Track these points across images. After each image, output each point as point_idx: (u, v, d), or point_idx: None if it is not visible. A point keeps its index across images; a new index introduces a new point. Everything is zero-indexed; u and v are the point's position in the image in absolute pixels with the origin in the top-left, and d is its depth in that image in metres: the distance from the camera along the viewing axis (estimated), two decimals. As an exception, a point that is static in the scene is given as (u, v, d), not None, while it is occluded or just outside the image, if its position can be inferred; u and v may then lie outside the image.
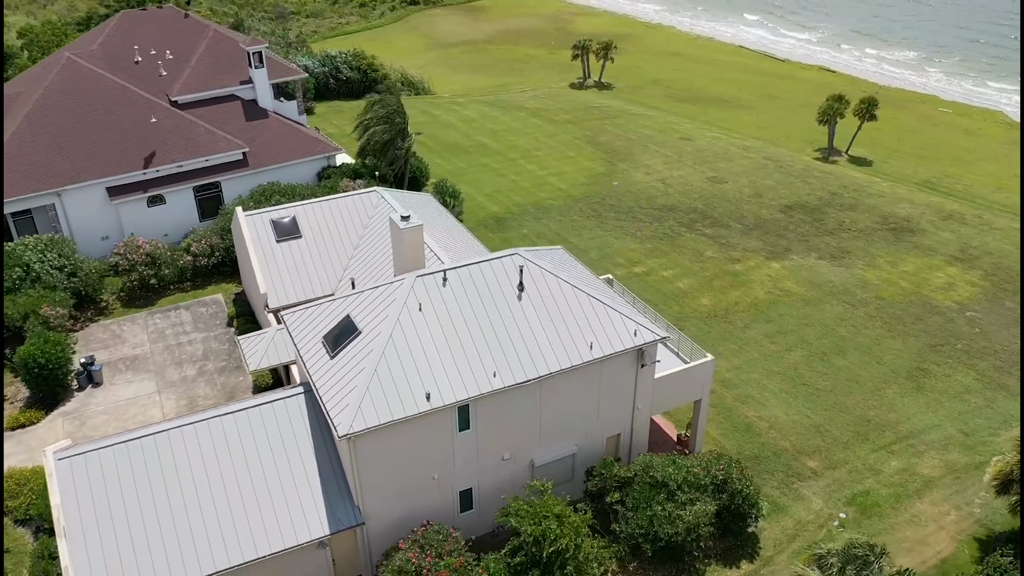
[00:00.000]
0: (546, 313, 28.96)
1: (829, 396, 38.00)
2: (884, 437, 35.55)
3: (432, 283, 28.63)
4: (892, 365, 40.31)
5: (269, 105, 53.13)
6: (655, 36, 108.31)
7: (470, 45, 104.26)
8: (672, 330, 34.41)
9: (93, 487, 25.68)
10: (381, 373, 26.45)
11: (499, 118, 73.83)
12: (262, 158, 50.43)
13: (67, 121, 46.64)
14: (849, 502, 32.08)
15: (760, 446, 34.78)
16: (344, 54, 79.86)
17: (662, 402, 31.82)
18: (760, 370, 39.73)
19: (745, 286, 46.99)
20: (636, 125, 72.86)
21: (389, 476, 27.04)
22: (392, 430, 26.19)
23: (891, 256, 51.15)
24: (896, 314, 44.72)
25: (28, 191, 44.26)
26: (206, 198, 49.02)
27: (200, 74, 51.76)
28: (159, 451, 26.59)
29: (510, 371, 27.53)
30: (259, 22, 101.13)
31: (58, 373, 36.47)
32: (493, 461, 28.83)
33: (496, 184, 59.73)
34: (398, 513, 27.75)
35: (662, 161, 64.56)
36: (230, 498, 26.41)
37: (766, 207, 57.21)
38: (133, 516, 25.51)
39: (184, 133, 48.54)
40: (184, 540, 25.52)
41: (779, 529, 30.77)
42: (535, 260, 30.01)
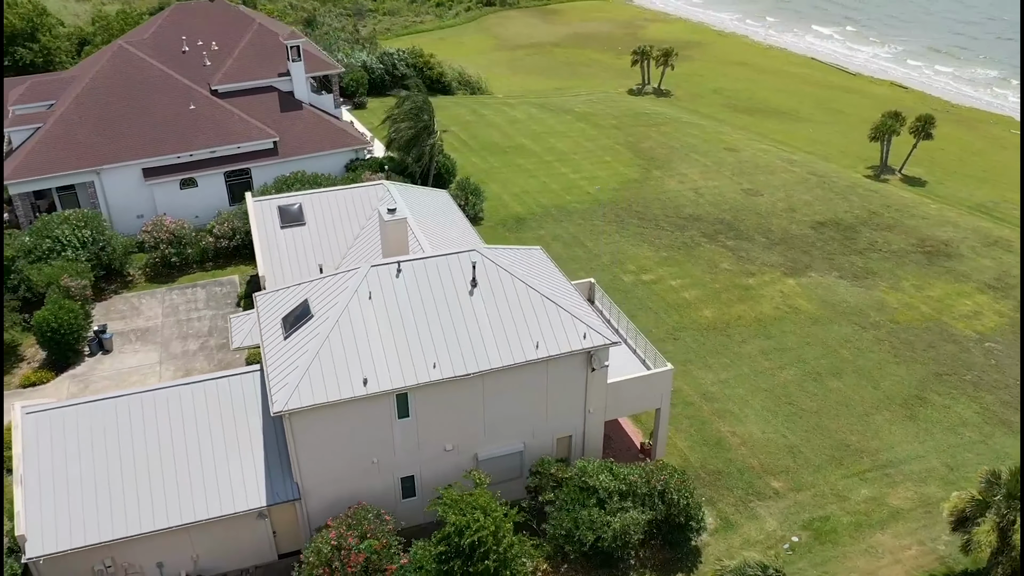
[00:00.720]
0: (496, 310, 29.41)
1: (812, 417, 36.98)
2: (860, 463, 34.39)
3: (386, 273, 29.50)
4: (888, 391, 38.86)
5: (305, 97, 55.19)
6: (725, 45, 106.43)
7: (537, 47, 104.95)
8: (640, 338, 34.26)
9: (53, 441, 27.65)
10: (323, 356, 27.48)
11: (544, 120, 74.25)
12: (292, 148, 52.47)
13: (112, 104, 49.74)
14: (805, 526, 31.24)
15: (726, 461, 34.20)
16: (401, 52, 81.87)
17: (617, 407, 31.76)
18: (747, 386, 38.96)
19: (753, 300, 46.05)
20: (682, 133, 72.02)
21: (327, 455, 28.04)
22: (329, 411, 27.19)
23: (918, 279, 49.12)
24: (907, 339, 43.01)
25: (70, 168, 47.48)
26: (236, 183, 51.36)
27: (241, 65, 54.26)
28: (117, 415, 28.38)
29: (451, 363, 28.12)
30: (333, 18, 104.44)
31: (70, 338, 39.08)
32: (435, 451, 29.47)
33: (525, 185, 60.22)
34: (337, 492, 28.71)
35: (699, 171, 63.69)
36: (177, 464, 27.94)
37: (796, 222, 55.75)
38: (86, 472, 27.33)
39: (219, 121, 51.03)
40: (130, 498, 27.20)
41: (724, 546, 30.27)
42: (493, 258, 30.50)
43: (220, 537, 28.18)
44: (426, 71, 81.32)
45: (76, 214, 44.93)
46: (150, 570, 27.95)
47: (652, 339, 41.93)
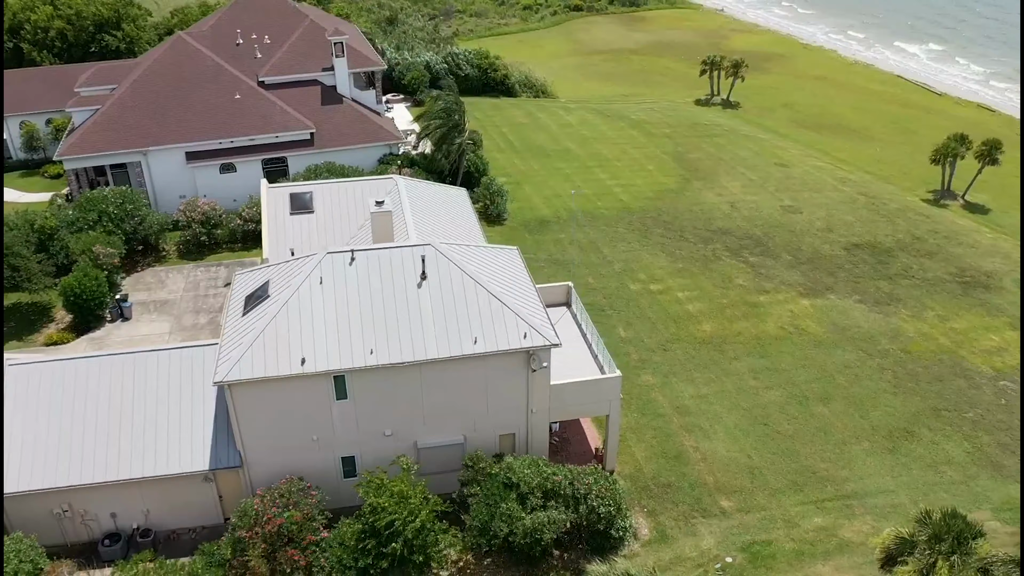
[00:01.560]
0: (441, 304, 30.23)
1: (785, 441, 36.01)
2: (821, 492, 33.30)
3: (340, 261, 30.83)
4: (875, 421, 37.34)
5: (347, 92, 57.48)
6: (809, 58, 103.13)
7: (614, 54, 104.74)
8: (600, 345, 34.27)
9: (28, 393, 30.29)
10: (267, 334, 29.04)
11: (597, 126, 74.28)
12: (329, 140, 54.81)
13: (164, 90, 53.34)
14: (744, 548, 30.59)
15: (680, 475, 33.81)
16: (467, 52, 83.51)
17: (562, 410, 31.99)
18: (725, 403, 38.27)
19: (758, 318, 45.02)
20: (735, 146, 70.60)
21: (268, 428, 29.57)
22: (269, 386, 28.71)
23: (945, 310, 46.73)
24: (914, 370, 41.12)
25: (119, 148, 51.28)
26: (273, 171, 54.04)
27: (289, 59, 57.04)
28: (87, 374, 30.84)
29: (388, 351, 29.15)
30: (414, 18, 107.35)
31: (92, 304, 42.38)
32: (374, 435, 30.55)
33: (559, 188, 60.57)
34: (280, 464, 30.17)
35: (742, 184, 62.39)
36: (134, 423, 30.12)
37: (830, 243, 53.91)
38: (52, 422, 29.85)
39: (261, 110, 53.88)
40: (87, 450, 29.54)
41: (654, 559, 30.02)
42: (448, 254, 31.32)
43: (169, 495, 30.18)
44: (490, 72, 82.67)
45: (117, 190, 48.48)
46: (105, 519, 30.22)
47: (643, 349, 41.96)
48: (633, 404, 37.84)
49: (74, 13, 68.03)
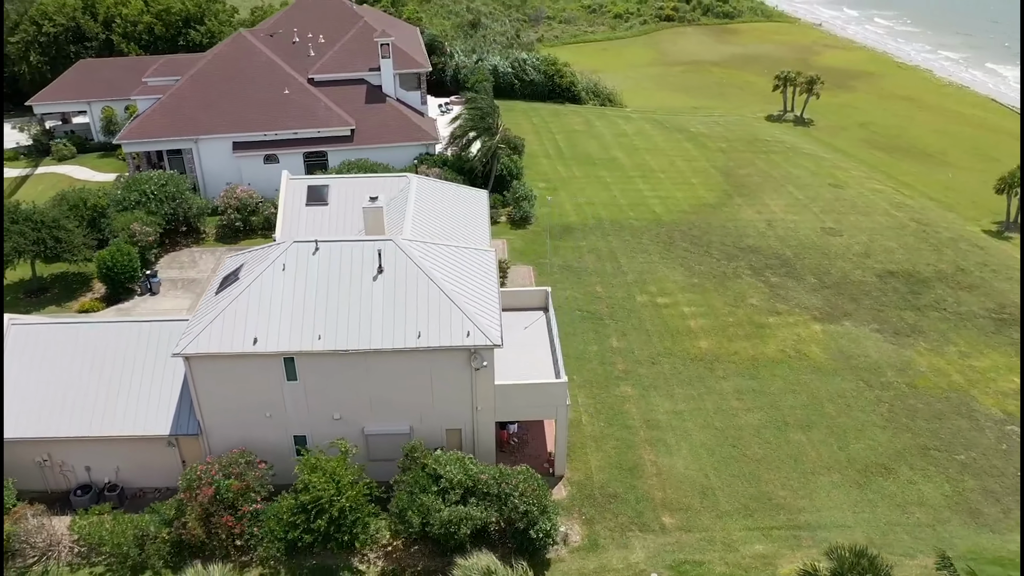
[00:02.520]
0: (393, 297, 31.40)
1: (749, 465, 35.22)
2: (772, 519, 32.45)
3: (305, 250, 32.47)
4: (853, 454, 35.96)
5: (392, 92, 59.58)
6: (900, 78, 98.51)
7: (695, 65, 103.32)
8: (558, 351, 34.53)
9: (24, 349, 33.38)
10: (227, 313, 30.98)
11: (652, 137, 73.76)
12: (368, 137, 57.03)
13: (219, 83, 56.91)
14: (673, 567, 30.26)
15: (628, 488, 33.69)
16: (534, 58, 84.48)
17: (508, 411, 32.52)
18: (699, 421, 37.73)
19: (760, 339, 43.98)
20: (791, 164, 68.65)
21: (224, 401, 31.51)
22: (224, 361, 30.65)
23: (970, 346, 44.26)
24: (914, 406, 39.26)
25: (173, 135, 55.11)
26: (313, 164, 56.74)
27: (339, 58, 59.66)
28: (75, 338, 33.71)
29: (335, 338, 30.55)
30: (500, 23, 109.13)
31: (122, 277, 45.88)
32: (324, 417, 32.02)
33: (594, 196, 60.74)
34: (237, 436, 32.07)
35: (786, 203, 60.71)
36: (111, 385, 32.74)
37: (863, 268, 51.84)
38: (42, 377, 32.82)
39: (306, 106, 56.65)
40: (67, 406, 32.36)
41: (578, 566, 30.17)
42: (407, 250, 32.46)
43: (137, 455, 32.65)
44: (556, 79, 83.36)
45: (161, 174, 52.16)
46: (80, 472, 32.97)
47: (630, 360, 41.86)
48: (603, 414, 37.91)
49: (163, 8, 73.33)
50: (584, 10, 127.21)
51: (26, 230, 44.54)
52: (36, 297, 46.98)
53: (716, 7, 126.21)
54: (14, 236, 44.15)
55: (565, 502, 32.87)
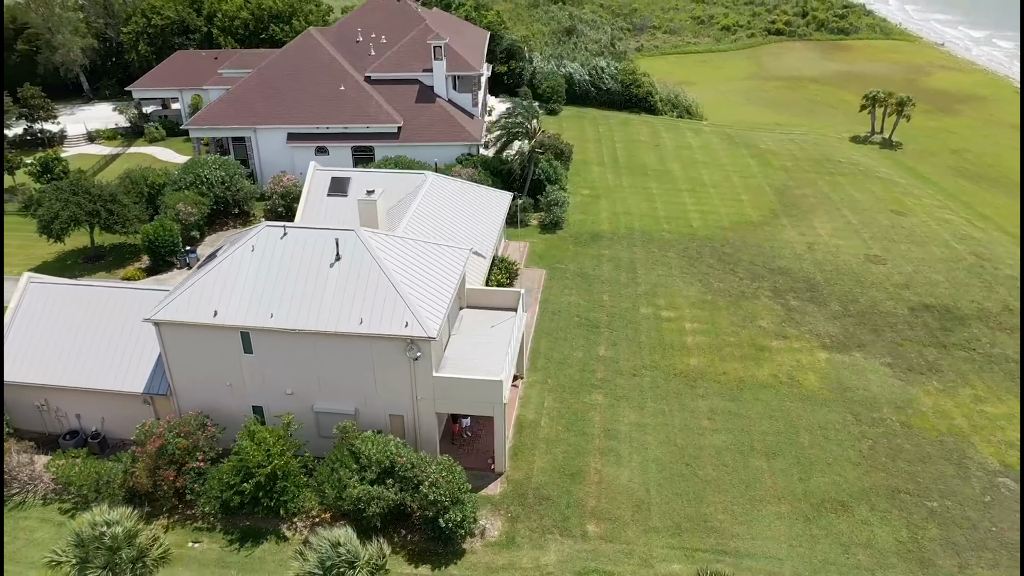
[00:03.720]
0: (345, 284, 33.07)
1: (698, 485, 34.55)
2: (701, 542, 31.82)
3: (275, 234, 34.66)
4: (811, 488, 34.58)
5: (443, 93, 61.56)
6: (1013, 103, 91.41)
7: (793, 81, 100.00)
8: (512, 352, 35.10)
9: (35, 305, 37.32)
10: (195, 287, 33.62)
11: (716, 151, 72.33)
12: (414, 135, 59.28)
13: (282, 78, 60.70)
14: (580, 573, 30.30)
15: (564, 492, 33.87)
16: (612, 67, 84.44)
17: (448, 403, 33.44)
18: (660, 436, 37.29)
19: (754, 362, 42.78)
20: (856, 187, 65.64)
21: (191, 367, 34.18)
22: (188, 330, 33.28)
23: (988, 391, 41.34)
24: (900, 446, 37.22)
25: (234, 123, 59.28)
26: (360, 157, 59.57)
27: (396, 58, 62.22)
28: (82, 298, 37.33)
29: (286, 317, 32.54)
30: (601, 30, 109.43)
31: (162, 251, 50.01)
32: (278, 391, 34.10)
33: (634, 207, 60.47)
34: (203, 400, 34.69)
35: (835, 227, 58.28)
36: (102, 343, 36.12)
37: (897, 299, 49.21)
38: (46, 330, 36.60)
39: (358, 103, 59.52)
40: (63, 358, 35.94)
41: (488, 560, 30.76)
42: (366, 241, 34.04)
43: (119, 409, 35.89)
44: (633, 88, 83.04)
45: (216, 159, 56.26)
46: (72, 419, 36.58)
47: (612, 370, 41.82)
48: (565, 419, 38.15)
49: (256, 5, 78.56)
50: (692, 21, 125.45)
51: (83, 201, 49.36)
52: (92, 263, 51.93)
53: (832, 22, 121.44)
54: (71, 206, 49.05)
55: (496, 498, 33.52)
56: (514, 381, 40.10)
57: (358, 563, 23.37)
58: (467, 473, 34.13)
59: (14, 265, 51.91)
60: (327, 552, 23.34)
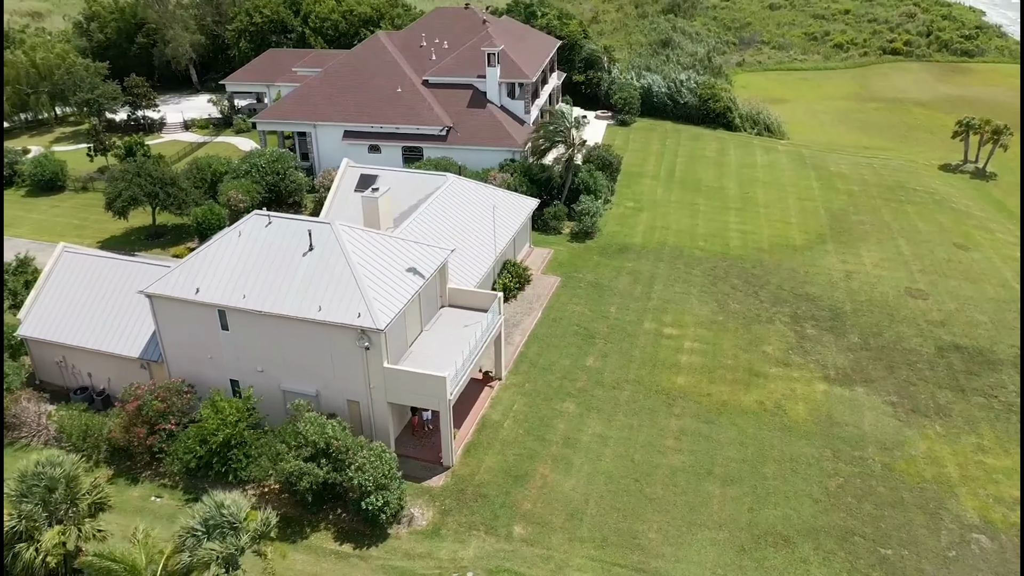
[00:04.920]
0: (313, 272, 35.12)
1: (639, 502, 34.29)
2: (623, 557, 31.67)
3: (261, 223, 37.18)
4: (760, 519, 33.59)
5: (495, 99, 63.03)
6: None
7: (895, 104, 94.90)
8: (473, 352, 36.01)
9: (65, 271, 41.60)
10: (185, 266, 36.69)
11: (781, 171, 70.08)
12: (462, 138, 61.13)
13: (345, 77, 64.03)
14: (492, 571, 30.91)
15: (502, 493, 34.49)
16: (691, 80, 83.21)
17: (398, 394, 34.82)
18: (619, 450, 37.16)
19: (744, 387, 41.73)
20: (923, 217, 62.03)
21: (178, 337, 37.28)
22: (175, 304, 36.31)
23: (995, 442, 38.58)
24: (873, 488, 35.45)
25: (296, 119, 63.08)
26: (410, 157, 61.97)
27: (454, 63, 64.22)
28: (104, 268, 41.29)
29: (256, 299, 34.94)
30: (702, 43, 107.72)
31: (209, 232, 53.98)
32: (250, 368, 36.60)
33: (673, 222, 59.78)
34: (189, 369, 37.76)
35: (882, 257, 55.47)
36: (112, 311, 39.85)
37: (927, 337, 46.50)
38: (71, 295, 40.77)
39: (412, 105, 61.97)
40: (80, 321, 39.93)
41: (408, 547, 31.88)
42: (339, 234, 35.96)
43: (122, 371, 39.49)
44: (711, 103, 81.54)
45: (273, 151, 60.09)
46: (85, 376, 40.55)
47: (593, 381, 42.10)
48: (529, 423, 38.69)
49: (348, 9, 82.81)
50: (804, 37, 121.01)
51: (144, 183, 54.12)
52: (152, 240, 56.79)
53: (956, 43, 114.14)
54: (133, 187, 53.88)
55: (436, 490, 34.62)
56: (490, 382, 41.08)
57: (239, 526, 25.14)
58: (417, 464, 35.84)
59: (88, 237, 57.67)
60: (212, 511, 25.25)
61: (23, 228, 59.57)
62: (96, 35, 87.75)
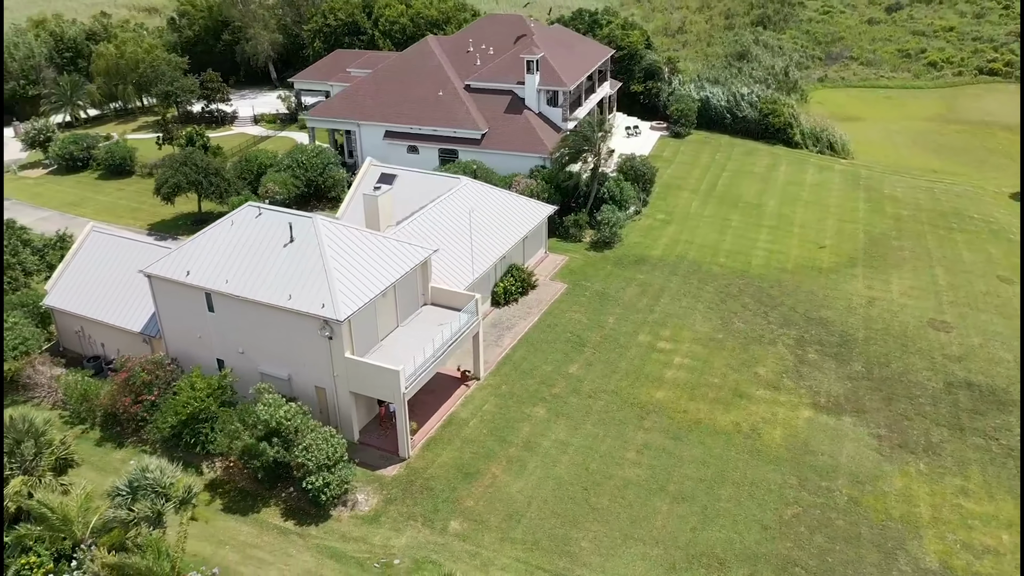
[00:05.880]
0: (290, 263, 37.02)
1: (582, 510, 34.40)
2: (550, 563, 31.94)
3: (251, 213, 39.40)
4: (700, 539, 33.16)
5: (534, 106, 63.82)
6: None
7: (979, 127, 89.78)
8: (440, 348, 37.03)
9: (92, 249, 45.19)
10: (183, 249, 39.41)
11: (830, 191, 67.77)
12: (496, 142, 62.28)
13: (392, 79, 66.30)
14: (417, 561, 31.81)
15: (448, 488, 35.33)
16: (752, 94, 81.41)
17: (359, 383, 36.22)
18: (577, 458, 37.32)
19: (723, 407, 41.04)
20: (971, 247, 58.77)
21: (173, 316, 39.99)
22: (170, 284, 38.99)
23: (982, 487, 36.49)
24: (830, 520, 34.36)
25: (342, 117, 65.77)
26: (446, 159, 63.56)
27: (496, 69, 65.40)
28: (124, 248, 44.62)
29: (236, 285, 37.13)
30: (778, 57, 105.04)
31: (245, 220, 57.19)
32: (233, 349, 38.87)
33: (699, 237, 58.96)
34: (183, 346, 40.44)
35: (912, 285, 53.07)
36: (120, 286, 43.07)
37: (938, 371, 44.35)
38: (93, 271, 44.28)
39: (451, 109, 63.57)
40: (95, 295, 43.34)
41: (344, 530, 33.17)
42: (317, 227, 37.70)
43: (128, 344, 42.60)
44: (770, 118, 79.57)
45: (315, 147, 62.88)
46: (98, 346, 43.96)
47: (570, 389, 42.50)
48: (494, 424, 39.37)
49: (416, 12, 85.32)
50: (896, 54, 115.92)
51: (189, 172, 57.81)
52: (197, 225, 60.03)
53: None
54: (179, 174, 57.64)
55: (387, 479, 35.85)
56: (467, 380, 42.01)
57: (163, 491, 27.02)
58: (376, 454, 37.27)
59: (141, 220, 62.13)
60: (136, 474, 27.24)
61: (87, 208, 64.70)
62: (185, 31, 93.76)
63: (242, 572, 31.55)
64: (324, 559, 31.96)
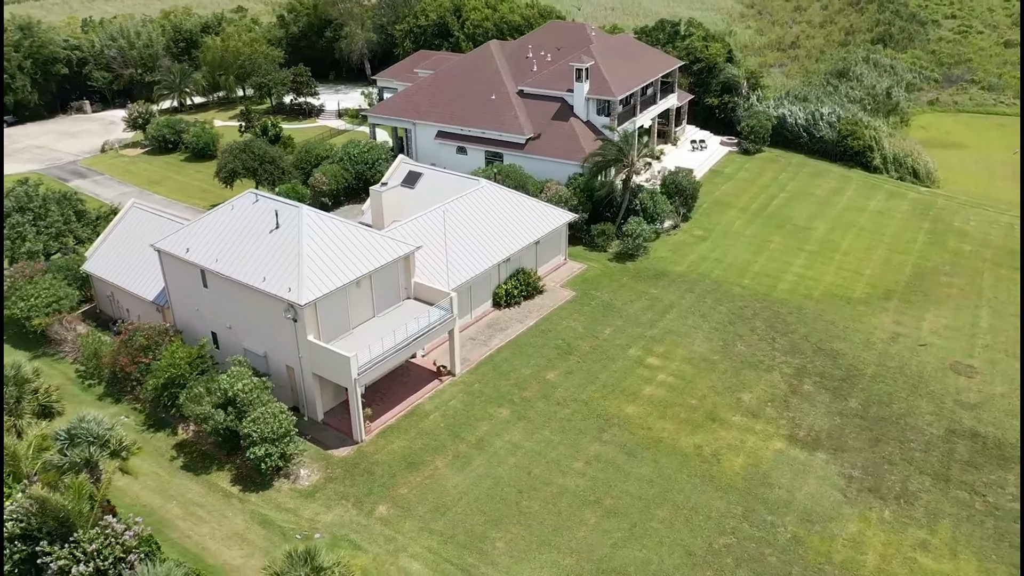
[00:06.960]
0: (272, 248, 39.44)
1: (508, 512, 34.82)
2: (459, 557, 32.62)
3: (250, 199, 42.15)
4: (614, 555, 32.85)
5: (583, 114, 64.06)
6: None
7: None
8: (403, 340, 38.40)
9: (132, 222, 49.56)
10: (189, 228, 42.74)
11: (890, 220, 64.00)
12: (538, 148, 63.03)
13: (450, 81, 68.26)
14: (337, 537, 33.24)
15: (389, 474, 36.65)
16: (833, 114, 77.89)
17: (319, 366, 38.12)
18: (523, 461, 37.70)
19: (691, 429, 40.20)
20: (1032, 290, 54.32)
21: (179, 288, 43.41)
22: (174, 259, 42.39)
23: (948, 543, 34.04)
24: (762, 556, 33.17)
25: (399, 116, 68.38)
26: (492, 160, 64.87)
27: (549, 76, 66.02)
28: (152, 223, 48.66)
29: (224, 264, 39.95)
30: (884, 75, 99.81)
31: (291, 207, 60.78)
32: (223, 324, 41.78)
33: (731, 256, 57.42)
34: (186, 317, 43.84)
35: (947, 324, 49.65)
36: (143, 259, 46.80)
37: (944, 417, 41.52)
38: (128, 241, 48.59)
39: (499, 113, 64.83)
40: (125, 265, 47.57)
41: (280, 501, 35.14)
42: (303, 217, 39.90)
43: (145, 310, 46.52)
44: (849, 140, 75.93)
45: (367, 142, 65.75)
46: (124, 311, 48.20)
47: (542, 395, 43.07)
48: (454, 420, 40.33)
49: (501, 17, 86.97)
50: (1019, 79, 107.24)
51: (247, 159, 61.98)
52: (253, 208, 64.60)
53: None
54: (237, 160, 61.90)
55: (335, 459, 37.58)
56: (442, 376, 43.18)
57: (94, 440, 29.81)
58: (335, 435, 39.05)
59: (207, 200, 66.90)
60: (75, 423, 30.16)
61: (165, 187, 70.46)
62: (291, 27, 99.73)
63: (179, 526, 34.16)
64: (253, 524, 34.06)
